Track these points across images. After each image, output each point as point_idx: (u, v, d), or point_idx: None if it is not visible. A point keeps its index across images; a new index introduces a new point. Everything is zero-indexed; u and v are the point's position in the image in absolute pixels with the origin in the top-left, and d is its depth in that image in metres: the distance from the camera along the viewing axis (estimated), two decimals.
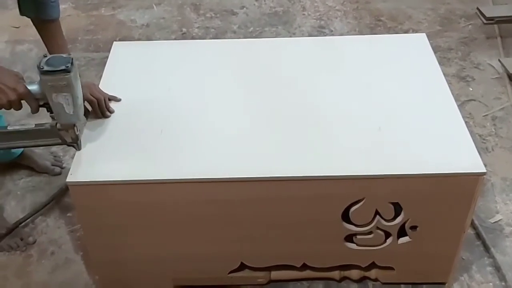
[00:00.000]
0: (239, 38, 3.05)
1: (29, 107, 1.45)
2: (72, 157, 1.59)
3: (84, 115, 1.61)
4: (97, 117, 1.70)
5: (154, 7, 3.40)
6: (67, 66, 1.37)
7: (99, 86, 1.77)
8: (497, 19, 3.04)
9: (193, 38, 3.08)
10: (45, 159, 2.29)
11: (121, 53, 1.99)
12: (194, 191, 1.55)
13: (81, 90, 1.47)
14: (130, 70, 1.90)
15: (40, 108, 1.47)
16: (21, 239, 1.99)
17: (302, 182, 1.52)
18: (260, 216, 1.61)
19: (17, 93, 1.39)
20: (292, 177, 1.52)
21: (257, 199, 1.56)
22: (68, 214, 2.09)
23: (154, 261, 1.74)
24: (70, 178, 1.53)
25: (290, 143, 1.61)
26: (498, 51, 2.91)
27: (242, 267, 1.76)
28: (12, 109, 1.43)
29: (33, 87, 1.42)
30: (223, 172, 1.53)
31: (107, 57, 1.95)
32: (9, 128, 1.52)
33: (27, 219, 2.06)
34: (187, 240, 1.67)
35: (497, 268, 1.87)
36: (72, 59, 1.39)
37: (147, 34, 3.15)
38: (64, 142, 1.54)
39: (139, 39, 3.07)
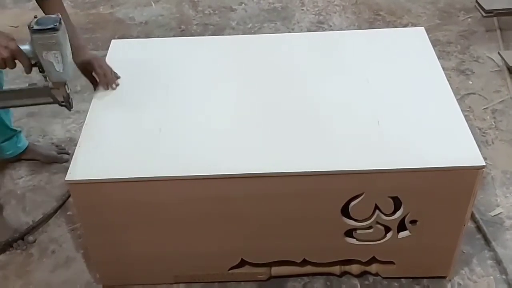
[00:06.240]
0: (238, 34, 3.04)
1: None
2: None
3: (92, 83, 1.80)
4: (104, 88, 1.79)
5: (153, 4, 3.39)
6: (55, 25, 1.44)
7: None
8: (496, 11, 3.02)
9: (192, 35, 3.08)
10: (50, 149, 2.30)
11: (119, 50, 1.99)
12: (193, 188, 1.55)
13: (70, 49, 1.52)
14: (128, 68, 1.89)
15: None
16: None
17: (302, 177, 1.52)
18: (260, 212, 1.61)
19: (9, 51, 1.44)
20: (292, 173, 1.51)
21: (257, 195, 1.56)
22: (68, 213, 2.09)
23: (155, 258, 1.74)
24: (69, 177, 1.53)
25: (290, 139, 1.60)
26: (498, 44, 2.90)
27: (243, 263, 1.76)
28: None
29: (25, 47, 1.48)
30: (223, 168, 1.53)
31: (105, 55, 1.95)
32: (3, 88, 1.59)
33: (41, 222, 2.05)
34: (188, 237, 1.68)
35: (498, 262, 1.87)
36: (60, 19, 1.46)
37: (146, 31, 3.15)
38: (56, 101, 1.59)
39: (137, 37, 3.06)
